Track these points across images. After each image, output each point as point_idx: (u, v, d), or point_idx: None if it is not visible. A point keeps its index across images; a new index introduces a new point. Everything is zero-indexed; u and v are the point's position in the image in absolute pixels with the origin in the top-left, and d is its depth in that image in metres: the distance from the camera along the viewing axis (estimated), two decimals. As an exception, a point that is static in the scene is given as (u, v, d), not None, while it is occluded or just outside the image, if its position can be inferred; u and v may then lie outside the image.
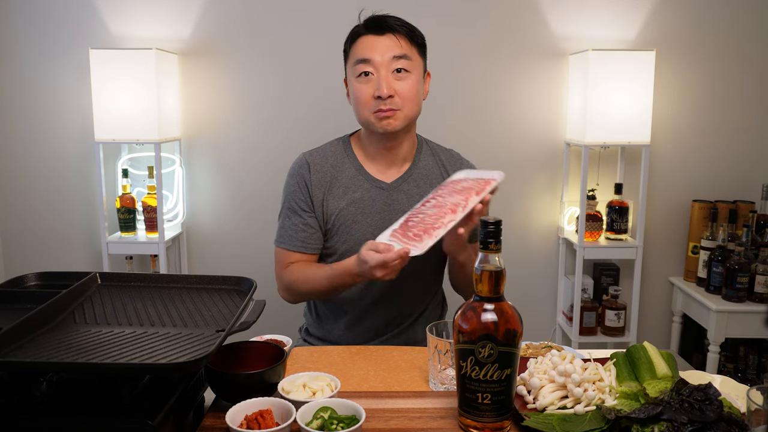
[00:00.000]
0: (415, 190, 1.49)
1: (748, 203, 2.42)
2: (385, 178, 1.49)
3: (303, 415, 0.89)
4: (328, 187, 1.48)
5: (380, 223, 1.46)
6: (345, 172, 1.50)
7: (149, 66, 2.19)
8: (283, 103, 2.46)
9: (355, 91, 1.42)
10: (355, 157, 1.51)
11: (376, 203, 1.47)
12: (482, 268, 0.92)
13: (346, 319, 1.51)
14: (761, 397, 0.80)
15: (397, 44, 1.41)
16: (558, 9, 2.42)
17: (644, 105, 2.26)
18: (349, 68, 1.45)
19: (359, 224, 1.46)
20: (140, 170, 2.48)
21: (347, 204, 1.47)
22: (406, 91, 1.40)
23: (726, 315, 2.21)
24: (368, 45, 1.41)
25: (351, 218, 1.46)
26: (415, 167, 1.51)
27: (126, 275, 1.19)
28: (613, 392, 0.96)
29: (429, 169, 1.52)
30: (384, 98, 1.38)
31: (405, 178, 1.50)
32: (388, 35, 1.41)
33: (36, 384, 0.86)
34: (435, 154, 1.55)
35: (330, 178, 1.49)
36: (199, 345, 0.90)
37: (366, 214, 1.46)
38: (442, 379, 1.09)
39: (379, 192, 1.48)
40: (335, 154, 1.52)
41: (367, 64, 1.40)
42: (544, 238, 2.58)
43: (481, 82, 2.47)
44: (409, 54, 1.41)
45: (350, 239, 1.46)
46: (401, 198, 1.48)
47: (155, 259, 2.43)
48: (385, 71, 1.39)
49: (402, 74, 1.40)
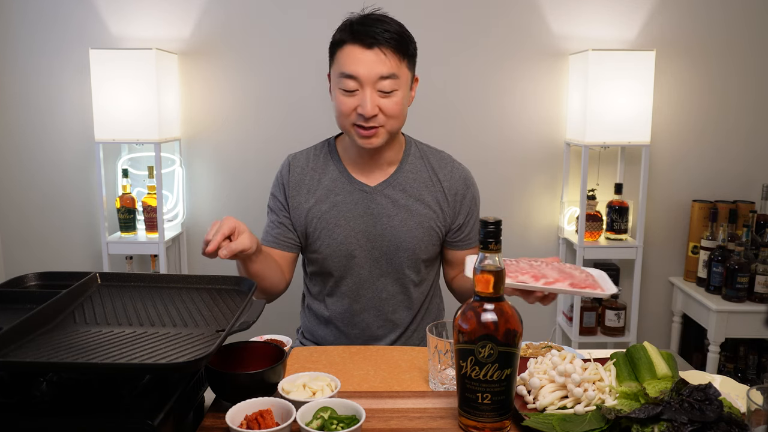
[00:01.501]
0: (400, 195, 1.45)
1: (748, 203, 2.42)
2: (368, 182, 1.45)
3: (303, 415, 0.89)
4: (308, 189, 1.46)
5: (363, 227, 1.43)
6: (328, 174, 1.47)
7: (149, 66, 2.19)
8: (283, 103, 2.46)
9: (337, 102, 1.36)
10: (339, 160, 1.48)
11: (358, 207, 1.44)
12: (482, 268, 0.92)
13: (336, 324, 1.50)
14: (761, 397, 0.80)
15: (384, 62, 1.32)
16: (558, 9, 2.42)
17: (644, 105, 2.26)
18: (333, 75, 1.38)
19: (341, 228, 1.43)
20: (140, 170, 2.48)
21: (329, 207, 1.44)
22: (390, 108, 1.34)
23: (726, 315, 2.21)
24: (354, 59, 1.32)
25: (333, 221, 1.43)
26: (401, 171, 1.46)
27: (126, 275, 1.19)
28: (613, 392, 0.96)
29: (416, 173, 1.47)
30: (367, 117, 1.33)
31: (390, 182, 1.45)
32: (376, 50, 1.32)
33: (36, 384, 0.86)
34: (424, 156, 1.50)
35: (309, 180, 1.46)
36: (199, 345, 0.90)
37: (348, 218, 1.43)
38: (442, 379, 1.09)
39: (362, 195, 1.44)
40: (318, 156, 1.49)
41: (352, 80, 1.33)
42: (544, 238, 2.58)
43: (481, 82, 2.47)
44: (396, 72, 1.34)
45: (332, 243, 1.43)
46: (384, 202, 1.44)
47: (155, 259, 2.43)
48: (370, 89, 1.32)
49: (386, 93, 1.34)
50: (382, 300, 1.47)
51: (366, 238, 1.44)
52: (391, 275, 1.47)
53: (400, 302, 1.49)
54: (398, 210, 1.44)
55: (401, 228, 1.43)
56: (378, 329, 1.49)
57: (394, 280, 1.47)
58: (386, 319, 1.49)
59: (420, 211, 1.44)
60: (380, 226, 1.43)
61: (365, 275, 1.46)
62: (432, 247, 1.48)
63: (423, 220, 1.44)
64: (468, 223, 1.50)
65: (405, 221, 1.43)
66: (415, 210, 1.44)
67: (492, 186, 2.51)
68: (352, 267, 1.45)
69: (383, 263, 1.45)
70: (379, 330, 1.49)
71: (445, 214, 1.47)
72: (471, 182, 1.51)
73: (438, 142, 1.62)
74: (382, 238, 1.43)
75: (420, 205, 1.45)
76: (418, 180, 1.46)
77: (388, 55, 1.33)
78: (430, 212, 1.45)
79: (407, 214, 1.44)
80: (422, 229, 1.44)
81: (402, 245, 1.43)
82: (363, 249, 1.44)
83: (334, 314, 1.49)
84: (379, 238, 1.44)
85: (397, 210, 1.44)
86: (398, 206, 1.44)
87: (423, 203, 1.45)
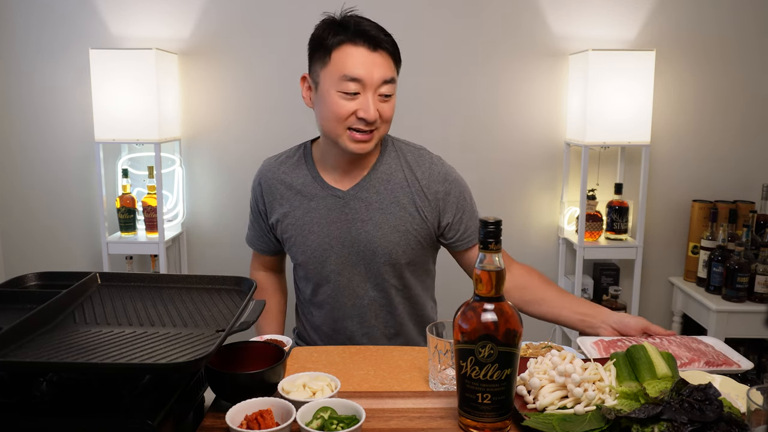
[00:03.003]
0: (374, 197, 1.39)
1: (748, 203, 2.42)
2: (341, 186, 1.40)
3: (303, 415, 0.89)
4: (281, 196, 1.43)
5: (337, 232, 1.39)
6: (299, 179, 1.42)
7: (149, 66, 2.19)
8: (283, 102, 2.46)
9: (334, 105, 1.29)
10: (313, 164, 1.43)
11: (332, 212, 1.39)
12: (482, 268, 0.92)
13: (320, 332, 1.48)
14: (761, 397, 0.80)
15: (388, 65, 1.30)
16: (558, 9, 2.42)
17: (644, 105, 2.26)
18: (328, 77, 1.29)
19: (315, 234, 1.39)
20: (140, 170, 2.48)
21: (303, 213, 1.41)
22: (387, 113, 1.32)
23: (726, 315, 2.21)
24: (360, 61, 1.27)
25: (307, 228, 1.40)
26: (374, 172, 1.40)
27: (126, 275, 1.19)
28: (613, 392, 0.96)
29: (390, 173, 1.40)
30: (369, 122, 1.29)
31: (362, 184, 1.39)
32: (380, 53, 1.29)
33: (36, 384, 0.86)
34: (401, 154, 1.43)
35: (281, 188, 1.43)
36: (199, 345, 0.90)
37: (321, 224, 1.39)
38: (442, 379, 1.09)
39: (335, 201, 1.39)
40: (291, 159, 1.46)
41: (355, 83, 1.27)
42: (544, 238, 2.58)
43: (481, 82, 2.47)
44: (395, 76, 1.32)
45: (307, 250, 1.40)
46: (359, 206, 1.39)
47: (155, 259, 2.43)
48: (372, 93, 1.28)
49: (386, 96, 1.32)
50: (363, 307, 1.43)
51: (341, 244, 1.39)
52: (371, 281, 1.41)
53: (381, 308, 1.44)
54: (372, 213, 1.38)
55: (375, 232, 1.38)
56: (362, 337, 1.44)
57: (374, 285, 1.42)
58: (371, 327, 1.44)
59: (395, 213, 1.38)
60: (354, 231, 1.38)
61: (344, 282, 1.41)
62: (411, 250, 1.41)
63: (398, 223, 1.38)
64: (460, 221, 1.42)
65: (379, 225, 1.38)
66: (390, 212, 1.38)
67: (492, 186, 2.51)
68: (328, 274, 1.41)
69: (361, 268, 1.40)
70: (363, 338, 1.44)
71: (423, 216, 1.40)
72: (451, 178, 1.42)
73: (438, 142, 1.62)
74: (357, 243, 1.39)
75: (395, 207, 1.39)
76: (392, 181, 1.40)
77: (388, 59, 1.31)
78: (406, 214, 1.39)
79: (382, 217, 1.38)
80: (398, 232, 1.38)
81: (378, 250, 1.38)
82: (338, 255, 1.39)
83: (319, 320, 1.47)
84: (354, 243, 1.39)
85: (371, 214, 1.38)
86: (372, 209, 1.38)
87: (398, 205, 1.39)
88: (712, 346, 1.23)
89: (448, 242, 1.46)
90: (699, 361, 1.15)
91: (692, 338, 1.26)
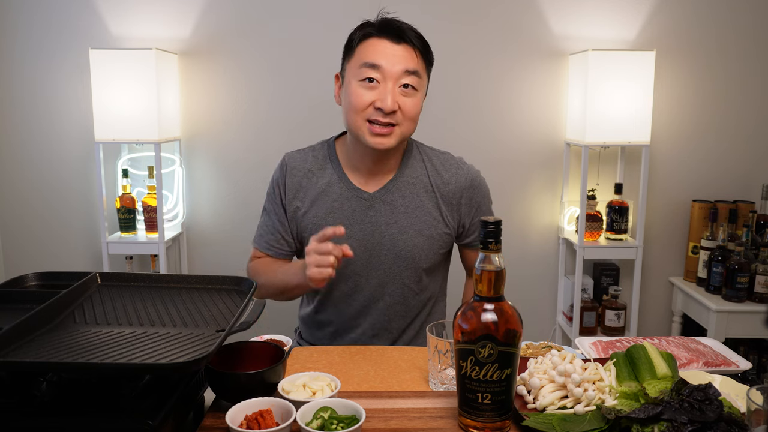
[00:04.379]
0: (399, 201, 1.39)
1: (748, 203, 2.42)
2: (366, 188, 1.39)
3: (303, 415, 0.89)
4: (305, 192, 1.41)
5: (360, 235, 1.38)
6: (324, 178, 1.41)
7: (149, 66, 2.19)
8: (283, 103, 2.46)
9: (353, 95, 1.30)
10: (338, 163, 1.42)
11: (356, 215, 1.38)
12: (482, 268, 0.92)
13: (330, 329, 1.47)
14: (761, 397, 0.80)
15: (412, 57, 1.30)
16: (558, 9, 2.42)
17: (644, 105, 2.26)
18: (351, 68, 1.32)
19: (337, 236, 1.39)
20: (140, 170, 2.48)
21: (325, 213, 1.39)
22: (410, 108, 1.31)
23: (726, 315, 2.21)
24: (380, 49, 1.29)
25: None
26: (401, 176, 1.40)
27: (126, 275, 1.19)
28: (613, 392, 0.96)
29: (416, 177, 1.41)
30: (386, 112, 1.28)
31: (389, 187, 1.39)
32: (404, 45, 1.30)
33: (36, 384, 0.86)
34: (427, 159, 1.44)
35: (306, 184, 1.41)
36: (199, 345, 0.90)
37: (345, 226, 1.35)
38: (442, 379, 1.09)
39: (360, 203, 1.39)
40: (316, 158, 1.44)
41: (375, 70, 1.28)
42: (544, 238, 2.58)
43: (481, 82, 2.47)
44: (420, 71, 1.32)
45: None
46: (384, 209, 1.38)
47: (155, 259, 2.43)
48: (393, 83, 1.28)
49: (409, 90, 1.31)
50: (378, 308, 1.43)
51: (364, 247, 1.38)
52: (390, 284, 1.41)
53: (396, 312, 1.44)
54: (397, 217, 1.39)
55: (400, 236, 1.38)
56: (372, 337, 1.44)
57: (393, 288, 1.42)
58: (381, 327, 1.44)
59: (420, 217, 1.39)
60: (378, 234, 1.38)
61: (362, 283, 1.41)
62: (433, 255, 1.42)
63: (423, 227, 1.39)
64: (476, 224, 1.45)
65: (404, 229, 1.39)
66: (415, 216, 1.39)
67: (492, 186, 2.49)
68: (347, 275, 1.40)
69: (381, 272, 1.40)
70: (373, 339, 1.44)
71: (446, 220, 1.41)
72: (477, 183, 1.45)
73: (437, 143, 1.61)
74: (380, 246, 1.39)
75: (420, 212, 1.40)
76: (417, 185, 1.41)
77: (415, 53, 1.32)
78: (430, 219, 1.40)
79: (407, 221, 1.39)
80: (422, 237, 1.39)
81: (401, 254, 1.39)
82: (360, 258, 1.38)
83: (329, 319, 1.46)
84: (377, 246, 1.39)
85: (396, 217, 1.39)
86: (397, 213, 1.39)
87: (423, 209, 1.40)
88: (710, 347, 1.23)
89: (462, 242, 1.48)
90: (698, 361, 1.16)
91: (690, 339, 1.26)
